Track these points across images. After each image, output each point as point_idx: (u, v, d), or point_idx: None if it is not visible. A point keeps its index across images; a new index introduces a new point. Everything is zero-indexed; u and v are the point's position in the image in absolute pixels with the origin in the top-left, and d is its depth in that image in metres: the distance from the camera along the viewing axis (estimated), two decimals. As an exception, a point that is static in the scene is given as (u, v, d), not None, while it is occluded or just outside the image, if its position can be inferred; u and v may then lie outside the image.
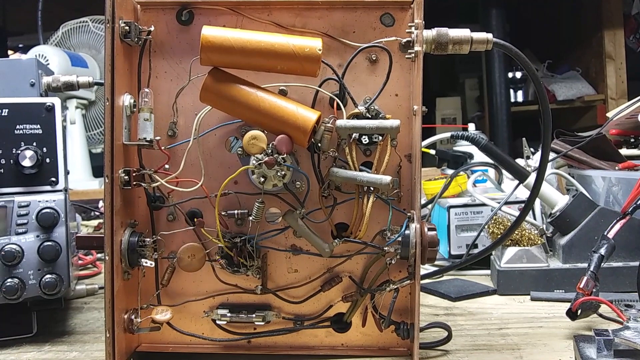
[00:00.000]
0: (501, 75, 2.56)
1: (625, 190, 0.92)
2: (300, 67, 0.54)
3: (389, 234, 0.58)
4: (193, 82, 0.58)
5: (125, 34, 0.56)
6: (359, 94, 0.59)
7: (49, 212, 0.66)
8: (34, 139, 0.69)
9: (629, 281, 0.78)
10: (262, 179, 0.57)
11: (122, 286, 0.57)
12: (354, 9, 0.59)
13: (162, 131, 0.60)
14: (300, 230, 0.59)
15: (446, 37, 0.56)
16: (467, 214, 1.00)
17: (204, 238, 0.59)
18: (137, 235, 0.57)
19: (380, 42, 0.58)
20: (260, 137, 0.55)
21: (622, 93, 2.67)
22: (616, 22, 2.69)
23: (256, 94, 0.55)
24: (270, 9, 0.59)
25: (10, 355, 0.64)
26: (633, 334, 0.52)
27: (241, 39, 0.54)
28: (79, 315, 0.79)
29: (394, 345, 0.62)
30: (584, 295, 0.61)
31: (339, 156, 0.58)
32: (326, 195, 0.59)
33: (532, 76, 0.60)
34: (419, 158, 0.56)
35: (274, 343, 0.63)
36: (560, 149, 1.13)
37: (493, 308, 0.77)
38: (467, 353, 0.60)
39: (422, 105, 0.55)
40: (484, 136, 0.87)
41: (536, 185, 0.65)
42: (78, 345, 0.67)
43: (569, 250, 0.82)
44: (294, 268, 0.62)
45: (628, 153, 1.22)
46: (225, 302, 0.62)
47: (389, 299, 0.59)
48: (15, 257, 0.64)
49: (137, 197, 0.61)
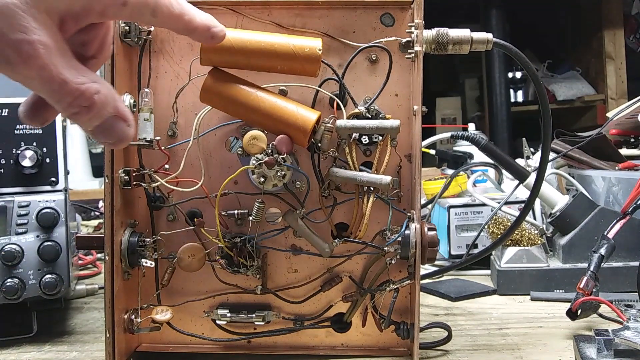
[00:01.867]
0: (501, 75, 2.57)
1: (625, 190, 0.92)
2: (300, 67, 0.54)
3: (389, 234, 0.58)
4: (193, 82, 0.58)
5: (125, 34, 0.56)
6: (359, 94, 0.59)
7: (49, 212, 0.66)
8: (34, 139, 0.69)
9: (629, 281, 0.78)
10: (262, 179, 0.57)
11: (122, 286, 0.57)
12: (354, 9, 0.59)
13: (162, 131, 0.60)
14: (300, 230, 0.59)
15: (446, 37, 0.56)
16: (467, 214, 1.00)
17: (204, 238, 0.59)
18: (137, 235, 0.58)
19: (380, 42, 0.58)
20: (260, 137, 0.55)
21: (622, 93, 2.67)
22: (616, 22, 2.69)
23: (256, 94, 0.55)
24: (270, 9, 0.59)
25: (10, 355, 0.64)
26: (633, 334, 0.52)
27: (241, 39, 0.54)
28: (79, 315, 0.79)
29: (394, 345, 0.62)
30: (584, 295, 0.60)
31: (339, 156, 0.58)
32: (326, 195, 0.59)
33: (532, 76, 0.60)
34: (419, 158, 0.56)
35: (274, 343, 0.63)
36: (560, 149, 1.13)
37: (493, 308, 0.77)
38: (467, 353, 0.60)
39: (422, 105, 0.55)
40: (484, 136, 0.87)
41: (536, 185, 0.65)
42: (78, 345, 0.67)
43: (569, 250, 0.82)
44: (294, 268, 0.62)
45: (628, 153, 1.22)
46: (225, 302, 0.62)
47: (389, 299, 0.59)
48: (15, 257, 0.64)
49: (137, 197, 0.61)
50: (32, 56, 0.35)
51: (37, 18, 0.35)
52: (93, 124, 0.39)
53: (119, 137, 0.40)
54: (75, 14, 0.38)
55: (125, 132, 0.40)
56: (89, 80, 0.38)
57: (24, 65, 0.35)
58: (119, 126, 0.40)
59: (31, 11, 0.35)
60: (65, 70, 0.37)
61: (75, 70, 0.37)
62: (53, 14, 0.36)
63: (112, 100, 0.39)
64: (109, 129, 0.40)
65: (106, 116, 0.39)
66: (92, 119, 0.39)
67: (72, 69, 0.37)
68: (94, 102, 0.38)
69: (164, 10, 0.42)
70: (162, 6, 0.41)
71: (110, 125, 0.40)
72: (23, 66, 0.35)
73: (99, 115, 0.39)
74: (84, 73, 0.38)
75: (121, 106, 0.40)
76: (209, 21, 0.46)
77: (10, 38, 0.35)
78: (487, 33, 0.57)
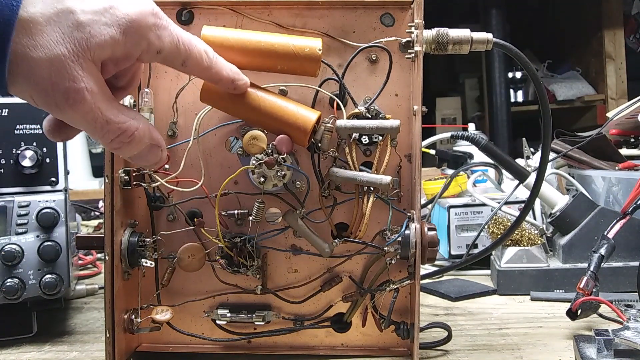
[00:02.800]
0: (501, 75, 2.57)
1: (625, 190, 0.92)
2: (300, 67, 0.54)
3: (389, 234, 0.58)
4: (193, 82, 0.58)
5: (125, 34, 0.56)
6: (359, 94, 0.59)
7: (49, 212, 0.66)
8: (34, 139, 0.69)
9: (629, 281, 0.78)
10: (262, 179, 0.57)
11: (122, 286, 0.57)
12: (354, 9, 0.59)
13: (162, 131, 0.60)
14: (300, 230, 0.59)
15: (446, 37, 0.56)
16: (467, 214, 1.00)
17: (204, 238, 0.59)
18: (137, 235, 0.58)
19: (380, 42, 0.58)
20: (260, 137, 0.55)
21: (622, 93, 2.67)
22: (616, 22, 2.70)
23: (256, 93, 0.55)
24: (270, 9, 0.59)
25: (10, 355, 0.64)
26: (633, 334, 0.52)
27: (241, 39, 0.54)
28: (79, 315, 0.79)
29: (394, 345, 0.62)
30: (584, 295, 0.60)
31: (339, 156, 0.58)
32: (326, 195, 0.59)
33: (532, 76, 0.60)
34: (419, 158, 0.56)
35: (274, 343, 0.63)
36: (560, 149, 1.13)
37: (493, 308, 0.77)
38: (467, 353, 0.60)
39: (422, 105, 0.55)
40: (484, 136, 0.87)
41: (536, 185, 0.65)
42: (78, 345, 0.67)
43: (569, 250, 0.82)
44: (294, 268, 0.62)
45: (628, 153, 1.22)
46: (225, 302, 0.62)
47: (389, 299, 0.59)
48: (15, 257, 0.64)
49: (137, 197, 0.61)
50: (79, 102, 0.39)
51: (84, 66, 0.39)
52: (133, 153, 0.44)
53: (155, 161, 0.47)
54: (116, 59, 0.42)
55: (159, 156, 0.47)
56: (129, 117, 0.42)
57: (71, 110, 0.39)
58: (155, 152, 0.46)
59: (79, 61, 0.38)
60: (108, 112, 0.41)
61: (117, 110, 0.42)
62: (97, 60, 0.40)
63: (149, 132, 0.44)
64: (147, 155, 0.45)
65: (144, 147, 0.44)
66: (132, 150, 0.44)
67: (114, 109, 0.41)
68: (133, 137, 0.43)
69: (194, 62, 0.46)
70: (193, 58, 0.46)
71: (147, 152, 0.45)
72: (70, 110, 0.39)
73: (138, 147, 0.44)
74: (124, 112, 0.42)
75: (156, 136, 0.45)
76: (234, 74, 0.51)
77: (61, 86, 0.38)
78: (487, 33, 0.57)
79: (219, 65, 0.49)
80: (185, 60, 0.45)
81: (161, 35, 0.43)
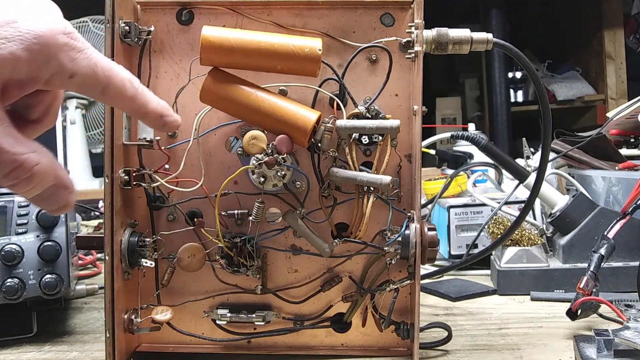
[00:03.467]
0: (501, 75, 2.57)
1: (625, 190, 0.92)
2: (300, 67, 0.54)
3: (389, 234, 0.58)
4: (193, 82, 0.58)
5: (125, 34, 0.56)
6: (359, 94, 0.59)
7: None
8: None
9: (629, 281, 0.78)
10: (262, 179, 0.57)
11: (122, 286, 0.57)
12: (354, 9, 0.59)
13: (162, 131, 0.60)
14: (300, 230, 0.59)
15: (446, 37, 0.56)
16: (467, 214, 1.00)
17: (204, 238, 0.59)
18: (137, 235, 0.58)
19: (380, 42, 0.58)
20: (260, 137, 0.55)
21: (622, 93, 2.67)
22: (616, 22, 2.70)
23: (256, 94, 0.55)
24: (270, 9, 0.59)
25: (10, 355, 0.64)
26: (633, 334, 0.52)
27: (241, 39, 0.54)
28: (79, 315, 0.79)
29: (394, 345, 0.62)
30: (584, 295, 0.60)
31: (339, 156, 0.58)
32: (326, 195, 0.59)
33: (532, 76, 0.60)
34: (419, 158, 0.56)
35: (274, 343, 0.63)
36: (560, 149, 1.13)
37: (493, 308, 0.77)
38: (467, 353, 0.60)
39: (422, 105, 0.55)
40: (484, 136, 0.87)
41: (536, 185, 0.65)
42: (78, 345, 0.67)
43: (569, 250, 0.82)
44: (294, 268, 0.62)
45: (628, 153, 1.22)
46: (225, 302, 0.62)
47: (389, 299, 0.59)
48: (15, 257, 0.64)
49: (137, 197, 0.61)
50: None
51: None
52: (33, 193, 0.38)
53: (60, 205, 0.39)
54: (19, 82, 0.36)
55: (66, 199, 0.39)
56: (29, 150, 0.36)
57: None
58: (60, 194, 0.39)
59: None
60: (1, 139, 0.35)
61: (13, 139, 0.35)
62: None
63: (53, 170, 0.38)
64: (50, 197, 0.39)
65: (47, 186, 0.38)
66: (33, 189, 0.37)
67: (9, 138, 0.35)
68: (33, 173, 0.36)
69: (115, 90, 0.40)
70: (114, 86, 0.40)
71: (51, 194, 0.38)
72: None
73: (40, 187, 0.37)
74: (23, 143, 0.36)
75: (62, 174, 0.39)
76: (163, 109, 0.44)
77: None
78: (487, 33, 0.57)
79: (145, 97, 0.43)
80: (105, 88, 0.39)
81: (75, 58, 0.37)
